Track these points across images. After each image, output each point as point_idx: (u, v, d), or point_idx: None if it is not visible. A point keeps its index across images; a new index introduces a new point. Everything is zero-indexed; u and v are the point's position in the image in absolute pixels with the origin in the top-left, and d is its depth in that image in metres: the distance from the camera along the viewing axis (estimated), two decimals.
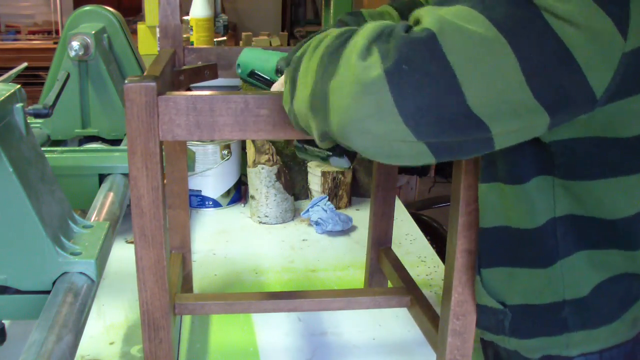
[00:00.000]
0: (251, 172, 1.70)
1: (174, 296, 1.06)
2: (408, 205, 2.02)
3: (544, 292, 0.82)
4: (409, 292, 1.14)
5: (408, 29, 0.64)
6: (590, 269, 0.80)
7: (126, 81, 0.79)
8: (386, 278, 1.31)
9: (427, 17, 0.63)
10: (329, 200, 1.74)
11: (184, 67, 1.14)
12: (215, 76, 1.18)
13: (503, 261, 0.84)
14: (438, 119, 0.61)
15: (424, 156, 0.64)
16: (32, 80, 3.80)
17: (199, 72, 1.14)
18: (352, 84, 0.62)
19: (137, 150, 0.81)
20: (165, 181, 1.05)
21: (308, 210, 1.72)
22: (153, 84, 0.79)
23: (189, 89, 1.12)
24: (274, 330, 1.25)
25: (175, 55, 1.13)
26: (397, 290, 1.17)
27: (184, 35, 2.34)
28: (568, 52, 0.60)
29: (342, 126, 0.64)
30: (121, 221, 1.20)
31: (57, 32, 4.97)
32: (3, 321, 0.96)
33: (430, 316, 1.07)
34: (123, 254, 1.37)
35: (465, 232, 0.88)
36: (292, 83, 0.74)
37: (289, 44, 4.32)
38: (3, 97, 0.89)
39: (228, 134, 0.83)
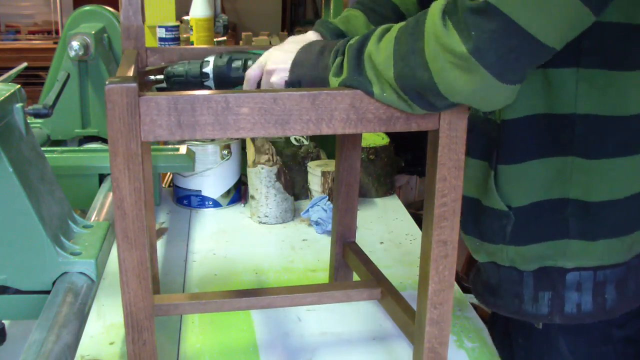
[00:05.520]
0: (251, 172, 1.71)
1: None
2: (408, 205, 2.01)
3: (553, 187, 0.89)
4: (379, 284, 1.15)
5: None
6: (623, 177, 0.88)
7: (107, 82, 0.79)
8: (351, 272, 1.33)
9: None
10: (329, 200, 1.74)
11: (149, 68, 1.14)
12: None
13: (529, 153, 0.90)
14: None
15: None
16: (32, 80, 3.81)
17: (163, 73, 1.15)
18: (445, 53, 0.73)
19: (119, 152, 0.81)
20: None
21: (308, 210, 1.72)
22: (134, 85, 0.79)
23: (158, 90, 1.13)
24: (273, 329, 1.25)
25: (138, 56, 1.13)
26: (367, 283, 1.18)
27: (184, 35, 2.34)
28: None
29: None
30: None
31: (57, 32, 4.98)
32: (3, 321, 0.96)
33: (403, 307, 1.08)
34: None
35: (440, 222, 0.90)
36: (356, 58, 0.83)
37: None
38: (3, 97, 0.89)
39: (209, 133, 0.83)
